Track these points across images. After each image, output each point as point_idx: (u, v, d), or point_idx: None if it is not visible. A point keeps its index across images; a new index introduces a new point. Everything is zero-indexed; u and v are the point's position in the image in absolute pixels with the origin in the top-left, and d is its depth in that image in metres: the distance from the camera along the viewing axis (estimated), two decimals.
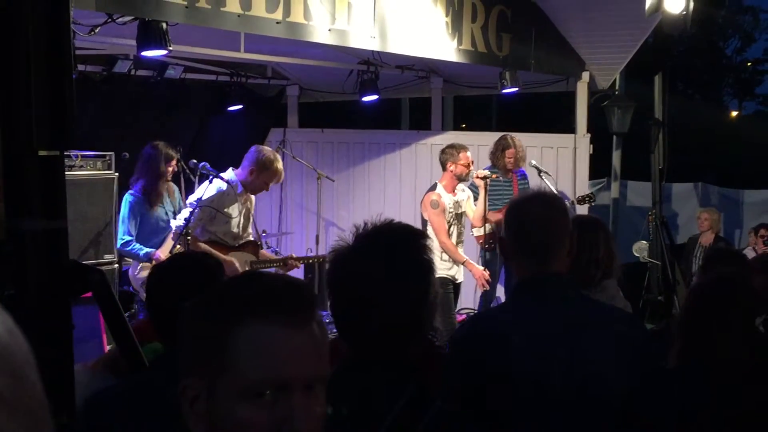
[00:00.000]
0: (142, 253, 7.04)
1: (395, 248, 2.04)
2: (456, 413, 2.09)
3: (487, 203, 8.00)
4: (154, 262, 6.94)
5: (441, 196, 7.68)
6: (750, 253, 9.49)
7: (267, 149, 6.83)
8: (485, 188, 7.82)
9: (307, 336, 1.39)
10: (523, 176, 8.91)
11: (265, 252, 7.33)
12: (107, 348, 5.17)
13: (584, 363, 2.53)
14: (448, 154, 7.76)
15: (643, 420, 2.55)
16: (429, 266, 2.07)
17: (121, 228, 7.18)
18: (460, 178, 7.78)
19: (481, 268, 7.81)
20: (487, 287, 7.80)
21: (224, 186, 6.57)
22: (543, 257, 2.64)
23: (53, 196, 2.48)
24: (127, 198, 7.22)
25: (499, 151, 8.67)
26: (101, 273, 2.67)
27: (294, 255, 7.42)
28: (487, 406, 2.51)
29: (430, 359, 2.43)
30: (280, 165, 6.75)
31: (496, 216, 8.02)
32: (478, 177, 7.87)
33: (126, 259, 7.73)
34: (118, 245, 7.16)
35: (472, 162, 7.86)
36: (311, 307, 1.43)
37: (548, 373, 2.52)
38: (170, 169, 7.34)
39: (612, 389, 2.54)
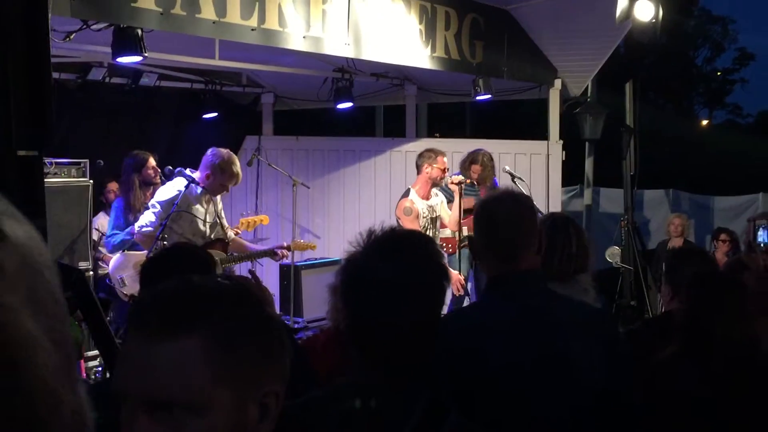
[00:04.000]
0: (121, 235, 7.17)
1: (409, 253, 2.04)
2: (472, 425, 2.09)
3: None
4: (137, 256, 7.00)
5: (414, 203, 7.72)
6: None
7: (224, 151, 6.71)
8: (460, 193, 7.88)
9: (168, 351, 1.24)
10: (494, 187, 9.01)
11: (244, 243, 7.32)
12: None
13: (556, 358, 2.57)
14: (425, 157, 7.81)
15: (615, 409, 2.60)
16: (443, 268, 2.08)
17: (108, 228, 7.40)
18: (435, 183, 7.84)
19: (456, 272, 7.86)
20: (462, 291, 7.85)
21: (182, 186, 6.52)
22: (512, 255, 2.67)
23: (32, 195, 2.50)
24: (114, 206, 7.51)
25: (467, 162, 8.77)
26: (80, 272, 2.70)
27: (291, 242, 7.47)
28: (463, 401, 2.54)
29: None
30: (236, 167, 6.67)
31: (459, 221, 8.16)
32: (452, 183, 7.93)
33: (101, 264, 7.75)
34: (107, 245, 7.36)
35: (447, 169, 7.93)
36: (185, 320, 1.26)
37: (522, 369, 2.56)
38: (148, 171, 7.43)
39: (585, 383, 2.58)
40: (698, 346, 3.03)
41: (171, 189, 6.58)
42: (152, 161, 7.51)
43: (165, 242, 6.19)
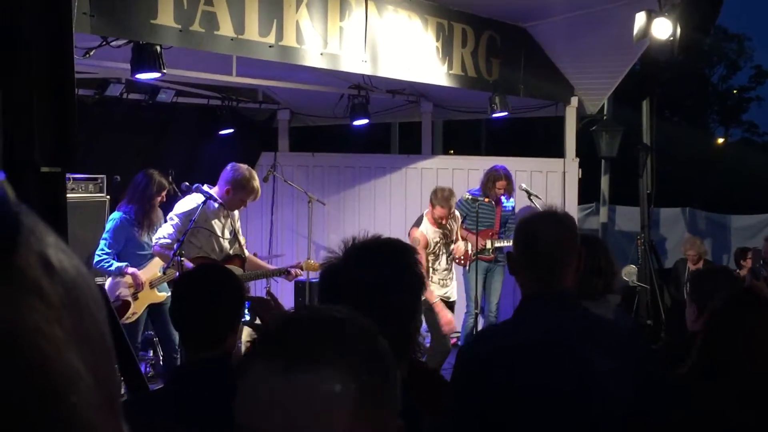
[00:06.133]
0: (113, 267, 6.95)
1: (387, 260, 2.04)
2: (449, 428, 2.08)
3: (469, 224, 8.39)
4: (129, 278, 6.93)
5: (424, 232, 7.71)
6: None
7: (243, 167, 6.69)
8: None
9: (307, 384, 1.11)
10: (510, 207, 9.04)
11: (259, 261, 7.25)
12: None
13: (589, 377, 2.56)
14: (431, 196, 7.79)
15: (645, 429, 2.58)
16: (420, 279, 2.07)
17: (101, 243, 7.05)
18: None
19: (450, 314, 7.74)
20: (450, 333, 7.78)
21: (200, 200, 6.48)
22: (551, 274, 2.66)
23: (54, 212, 2.50)
24: (117, 215, 7.12)
25: (490, 181, 8.77)
26: (101, 288, 2.69)
27: (303, 262, 7.36)
28: (495, 419, 2.52)
29: (416, 376, 2.44)
30: (256, 183, 6.65)
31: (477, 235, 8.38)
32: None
33: None
34: (94, 260, 6.98)
35: (446, 218, 7.83)
36: (328, 350, 1.13)
37: (554, 387, 2.54)
38: (159, 199, 7.24)
39: (617, 402, 2.57)
40: (717, 367, 2.99)
41: (189, 202, 6.57)
42: (166, 191, 7.35)
43: (182, 258, 6.19)
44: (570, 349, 2.59)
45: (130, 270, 6.93)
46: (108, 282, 7.16)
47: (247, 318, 3.20)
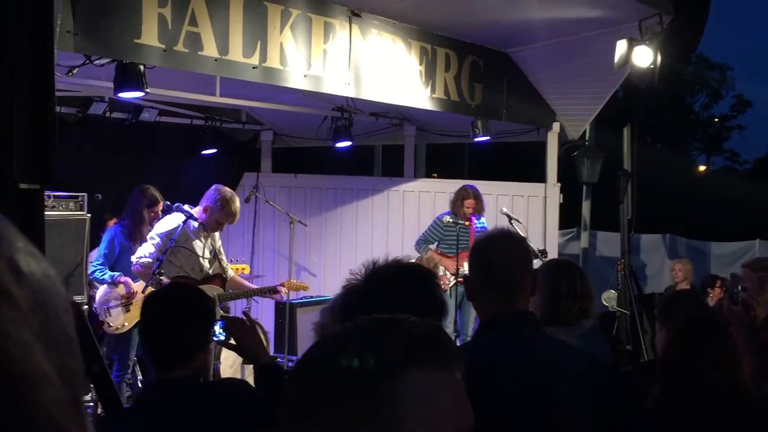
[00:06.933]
0: (107, 276, 7.09)
1: (408, 284, 2.04)
2: None
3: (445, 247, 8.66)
4: (122, 287, 6.99)
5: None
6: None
7: (226, 189, 6.81)
8: None
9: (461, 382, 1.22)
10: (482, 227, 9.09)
11: (242, 281, 7.31)
12: None
13: (545, 401, 2.56)
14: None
15: None
16: (441, 303, 2.08)
17: (97, 253, 7.29)
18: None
19: None
20: None
21: (181, 220, 6.58)
22: (508, 294, 2.66)
23: (32, 228, 2.51)
24: (113, 228, 7.38)
25: (459, 200, 8.92)
26: (77, 305, 2.70)
27: (285, 281, 7.44)
28: None
29: None
30: (234, 206, 6.73)
31: (449, 261, 8.61)
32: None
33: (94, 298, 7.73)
34: (89, 270, 7.25)
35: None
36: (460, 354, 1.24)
37: (511, 411, 2.54)
38: (152, 214, 7.38)
39: (573, 429, 2.57)
40: (680, 390, 3.01)
41: (170, 222, 6.65)
42: (161, 206, 7.49)
43: (162, 276, 6.20)
44: (527, 371, 2.60)
45: (123, 278, 7.04)
46: (99, 293, 7.19)
47: (222, 338, 3.20)
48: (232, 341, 3.10)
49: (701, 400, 2.94)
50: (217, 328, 3.20)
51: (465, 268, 8.67)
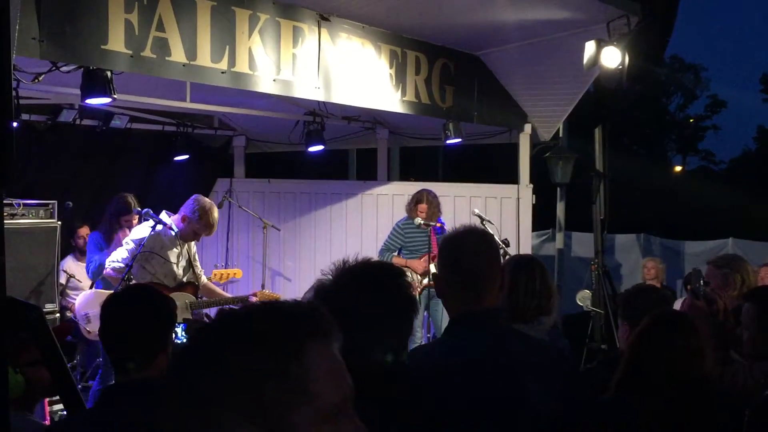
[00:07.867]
0: (100, 260, 7.39)
1: (378, 284, 2.05)
2: None
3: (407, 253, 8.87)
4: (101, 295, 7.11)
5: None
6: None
7: (205, 200, 6.87)
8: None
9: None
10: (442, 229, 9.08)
11: (215, 289, 7.32)
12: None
13: (516, 396, 2.58)
14: None
15: None
16: (412, 302, 2.09)
17: (95, 257, 7.62)
18: None
19: None
20: None
21: (156, 228, 6.65)
22: (476, 290, 2.69)
23: None
24: (93, 234, 7.86)
25: (413, 203, 8.96)
26: (39, 310, 2.69)
27: (258, 291, 7.49)
28: None
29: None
30: (212, 218, 6.77)
31: (416, 263, 8.77)
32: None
33: (66, 308, 7.73)
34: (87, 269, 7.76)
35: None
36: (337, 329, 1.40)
37: (482, 406, 2.56)
38: (124, 219, 7.52)
39: (544, 421, 2.59)
40: (639, 383, 3.04)
41: (144, 229, 6.71)
42: (135, 219, 7.57)
43: (131, 281, 6.23)
44: (497, 367, 2.62)
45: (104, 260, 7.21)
46: (79, 299, 7.17)
47: (184, 340, 3.20)
48: None
49: (662, 387, 2.97)
50: (180, 331, 3.20)
51: (432, 269, 8.75)
